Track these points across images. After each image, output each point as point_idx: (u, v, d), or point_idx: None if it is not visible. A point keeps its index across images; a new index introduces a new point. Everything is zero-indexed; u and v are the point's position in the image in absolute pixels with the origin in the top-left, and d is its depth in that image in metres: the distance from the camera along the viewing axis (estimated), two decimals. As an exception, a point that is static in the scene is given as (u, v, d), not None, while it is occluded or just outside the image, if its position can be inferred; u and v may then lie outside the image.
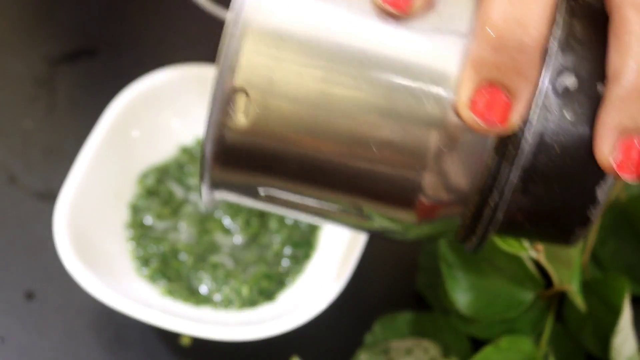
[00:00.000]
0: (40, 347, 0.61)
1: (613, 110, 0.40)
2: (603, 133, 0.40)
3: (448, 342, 0.61)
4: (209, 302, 0.60)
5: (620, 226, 0.64)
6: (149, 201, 0.63)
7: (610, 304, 0.59)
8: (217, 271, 0.61)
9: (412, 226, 0.41)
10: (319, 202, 0.41)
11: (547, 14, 0.39)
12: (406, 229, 0.42)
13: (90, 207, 0.60)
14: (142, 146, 0.64)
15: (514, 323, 0.59)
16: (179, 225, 0.63)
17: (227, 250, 0.62)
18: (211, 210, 0.62)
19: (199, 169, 0.40)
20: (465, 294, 0.59)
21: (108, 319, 0.62)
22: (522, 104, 0.39)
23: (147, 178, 0.64)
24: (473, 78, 0.39)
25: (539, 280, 0.59)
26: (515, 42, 0.38)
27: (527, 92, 0.39)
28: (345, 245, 0.59)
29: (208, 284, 0.60)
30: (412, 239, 0.43)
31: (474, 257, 0.59)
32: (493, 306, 0.59)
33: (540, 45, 0.39)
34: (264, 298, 0.60)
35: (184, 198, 0.64)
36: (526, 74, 0.39)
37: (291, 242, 0.62)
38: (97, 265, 0.58)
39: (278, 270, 0.61)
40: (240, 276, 0.60)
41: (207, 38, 0.66)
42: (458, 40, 0.39)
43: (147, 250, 0.61)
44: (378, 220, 0.41)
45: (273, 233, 0.62)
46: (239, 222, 0.62)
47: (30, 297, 0.63)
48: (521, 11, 0.39)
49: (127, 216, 0.63)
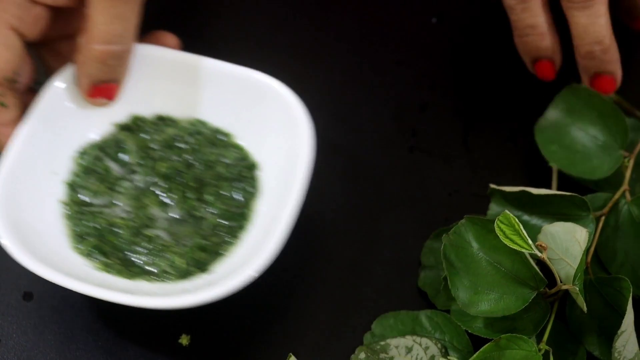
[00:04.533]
0: (38, 348, 0.61)
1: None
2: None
3: (449, 340, 0.60)
4: (145, 275, 0.60)
5: (624, 226, 0.63)
6: (85, 178, 0.63)
7: (613, 304, 0.59)
8: (153, 244, 0.61)
9: None
10: None
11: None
12: None
13: (26, 185, 0.61)
14: (78, 124, 0.64)
15: (515, 322, 0.59)
16: (115, 201, 0.63)
17: (163, 224, 0.62)
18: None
19: None
20: (467, 292, 0.58)
21: (106, 319, 0.62)
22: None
23: (84, 155, 0.64)
24: (85, 80, 0.62)
25: (541, 279, 0.58)
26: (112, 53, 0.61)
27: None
28: (277, 215, 0.59)
29: (143, 258, 0.61)
30: None
31: (476, 256, 0.59)
32: (494, 304, 0.58)
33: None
34: (199, 269, 0.60)
35: (120, 174, 0.64)
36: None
37: (226, 214, 0.62)
38: (33, 241, 0.58)
39: (213, 242, 0.61)
40: (176, 249, 0.61)
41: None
42: None
43: (84, 226, 0.62)
44: None
45: (209, 206, 0.63)
46: (175, 196, 0.63)
47: (27, 298, 0.63)
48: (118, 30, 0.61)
49: (63, 193, 0.63)
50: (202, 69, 0.65)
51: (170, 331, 0.61)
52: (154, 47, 0.65)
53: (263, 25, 0.75)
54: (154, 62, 0.65)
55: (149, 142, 0.65)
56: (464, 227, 0.59)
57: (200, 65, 0.65)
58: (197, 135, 0.65)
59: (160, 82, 0.65)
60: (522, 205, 0.63)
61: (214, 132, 0.65)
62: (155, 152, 0.65)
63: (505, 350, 0.57)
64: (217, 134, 0.65)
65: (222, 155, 0.64)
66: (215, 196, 0.63)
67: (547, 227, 0.59)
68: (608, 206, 0.63)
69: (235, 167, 0.64)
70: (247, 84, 0.64)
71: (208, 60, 0.65)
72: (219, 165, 0.64)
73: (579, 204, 0.62)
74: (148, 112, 0.66)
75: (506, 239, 0.57)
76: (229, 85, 0.65)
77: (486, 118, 0.68)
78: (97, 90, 0.63)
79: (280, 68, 0.66)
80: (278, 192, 0.61)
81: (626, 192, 0.63)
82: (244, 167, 0.64)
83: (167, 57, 0.65)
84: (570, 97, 0.67)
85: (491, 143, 0.70)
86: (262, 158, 0.64)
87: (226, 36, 0.74)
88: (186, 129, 0.65)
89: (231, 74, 0.64)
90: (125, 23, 0.61)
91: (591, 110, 0.66)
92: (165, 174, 0.63)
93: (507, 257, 0.59)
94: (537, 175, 0.68)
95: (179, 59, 0.65)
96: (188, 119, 0.66)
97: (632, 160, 0.64)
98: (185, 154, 0.64)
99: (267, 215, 0.61)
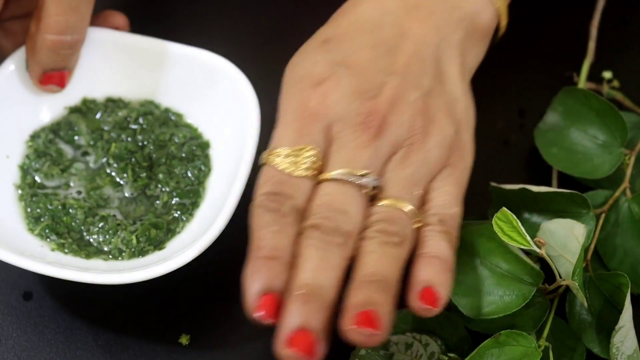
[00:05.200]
0: (38, 347, 0.61)
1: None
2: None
3: (449, 337, 0.60)
4: (100, 254, 0.61)
5: (623, 223, 0.63)
6: (39, 161, 0.64)
7: (612, 301, 0.59)
8: (107, 224, 0.62)
9: None
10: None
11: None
12: None
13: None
14: (29, 107, 0.66)
15: (515, 318, 0.59)
16: (69, 182, 0.64)
17: (117, 203, 0.63)
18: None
19: None
20: (468, 299, 0.58)
21: (106, 319, 0.62)
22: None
23: (36, 138, 0.65)
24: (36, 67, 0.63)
25: (537, 273, 0.58)
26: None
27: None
28: (227, 189, 0.60)
29: (98, 237, 0.62)
30: None
31: (472, 262, 0.59)
32: (496, 306, 0.58)
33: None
34: (153, 247, 0.61)
35: (73, 156, 0.65)
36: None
37: (179, 192, 0.64)
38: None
39: (167, 220, 0.62)
40: (130, 227, 0.62)
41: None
42: None
43: (38, 208, 0.62)
44: None
45: (162, 185, 0.64)
46: (128, 176, 0.64)
47: (27, 297, 0.63)
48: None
49: (17, 176, 0.64)
50: (152, 51, 0.66)
51: (170, 331, 0.61)
52: (103, 30, 0.66)
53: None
54: (103, 45, 0.66)
55: (101, 123, 0.66)
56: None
57: (150, 46, 0.67)
58: (148, 115, 0.66)
59: (110, 64, 0.67)
60: (523, 203, 0.63)
61: (165, 113, 0.67)
62: (107, 133, 0.66)
63: (504, 346, 0.56)
64: (168, 114, 0.67)
65: (174, 135, 0.66)
66: (168, 175, 0.64)
67: (545, 224, 0.59)
68: (608, 204, 0.63)
69: (187, 146, 0.65)
70: (197, 64, 0.66)
71: (158, 42, 0.67)
72: (171, 145, 0.65)
73: (579, 201, 0.61)
74: (99, 94, 0.67)
75: (504, 235, 0.57)
76: (178, 65, 0.66)
77: (486, 118, 0.68)
78: (48, 78, 0.64)
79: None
80: (228, 169, 0.63)
81: (627, 190, 0.63)
82: (196, 146, 0.65)
83: (117, 39, 0.67)
84: (567, 99, 0.67)
85: (491, 143, 0.70)
86: (213, 136, 0.66)
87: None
88: (137, 110, 0.67)
89: (181, 55, 0.66)
90: (79, 15, 0.62)
91: (589, 110, 0.66)
92: (118, 154, 0.65)
93: (502, 258, 0.59)
94: (537, 175, 0.68)
95: (128, 41, 0.67)
96: (138, 100, 0.67)
97: (633, 157, 0.64)
98: (137, 134, 0.66)
99: (217, 192, 0.63)
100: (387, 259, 0.55)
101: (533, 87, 0.71)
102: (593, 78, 0.71)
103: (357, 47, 0.61)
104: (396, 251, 0.56)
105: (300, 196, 0.57)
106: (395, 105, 0.59)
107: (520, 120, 0.70)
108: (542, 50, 0.74)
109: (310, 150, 0.58)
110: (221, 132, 0.65)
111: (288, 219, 0.56)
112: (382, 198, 0.57)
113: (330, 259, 0.54)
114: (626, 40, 0.67)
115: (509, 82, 0.72)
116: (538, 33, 0.74)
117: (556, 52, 0.74)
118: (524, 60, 0.72)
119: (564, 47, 0.68)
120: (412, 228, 0.57)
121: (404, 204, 0.57)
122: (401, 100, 0.59)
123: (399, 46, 0.61)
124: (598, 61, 0.72)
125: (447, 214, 0.58)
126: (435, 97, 0.60)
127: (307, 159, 0.57)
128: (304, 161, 0.57)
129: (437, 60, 0.62)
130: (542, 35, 0.74)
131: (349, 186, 0.57)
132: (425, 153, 0.59)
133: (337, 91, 0.59)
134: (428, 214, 0.58)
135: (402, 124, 0.59)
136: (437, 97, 0.60)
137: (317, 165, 0.57)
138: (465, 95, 0.62)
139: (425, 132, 0.59)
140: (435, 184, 0.59)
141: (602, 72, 0.72)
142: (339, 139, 0.58)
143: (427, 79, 0.60)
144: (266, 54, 0.73)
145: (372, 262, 0.55)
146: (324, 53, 0.61)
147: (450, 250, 0.57)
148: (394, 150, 0.58)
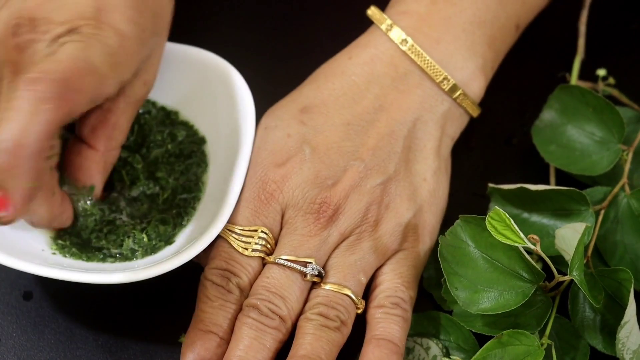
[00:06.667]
0: (38, 347, 0.61)
1: None
2: None
3: (454, 341, 0.60)
4: (114, 257, 0.61)
5: (623, 219, 0.63)
6: None
7: (614, 297, 0.59)
8: (115, 227, 0.62)
9: None
10: None
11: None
12: None
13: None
14: None
15: (517, 318, 0.59)
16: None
17: (122, 205, 0.63)
18: None
19: None
20: (467, 292, 0.58)
21: (106, 319, 0.62)
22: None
23: None
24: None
25: (538, 272, 0.58)
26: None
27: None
28: (228, 181, 0.62)
29: (108, 244, 0.62)
30: None
31: (473, 255, 0.59)
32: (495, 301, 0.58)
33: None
34: (164, 243, 0.62)
35: None
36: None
37: (180, 188, 0.64)
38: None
39: (172, 215, 0.63)
40: (138, 226, 0.62)
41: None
42: None
43: None
44: None
45: (163, 182, 0.64)
46: (128, 176, 0.64)
47: (27, 297, 0.62)
48: None
49: None
50: None
51: (170, 331, 0.61)
52: None
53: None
54: None
55: None
56: (460, 226, 0.60)
57: None
58: (145, 115, 0.66)
59: None
60: (522, 202, 0.63)
61: (162, 111, 0.67)
62: None
63: (507, 346, 0.57)
64: (165, 113, 0.67)
65: (172, 133, 0.66)
66: (168, 172, 0.64)
67: (559, 231, 0.59)
68: (607, 200, 0.63)
69: (184, 144, 0.66)
70: (191, 62, 0.66)
71: None
72: (169, 143, 0.65)
73: (577, 198, 0.62)
74: None
75: (499, 234, 0.57)
76: (173, 64, 0.66)
77: (485, 118, 0.68)
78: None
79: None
80: (224, 163, 0.63)
81: (625, 185, 0.63)
82: (193, 143, 0.66)
83: None
84: (563, 96, 0.67)
85: (490, 143, 0.70)
86: (209, 132, 0.66)
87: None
88: None
89: (175, 53, 0.66)
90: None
91: (585, 107, 0.66)
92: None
93: (504, 254, 0.59)
94: (536, 174, 0.68)
95: None
96: None
97: (631, 153, 0.64)
98: (136, 134, 0.65)
99: (216, 186, 0.63)
100: (322, 342, 0.58)
101: (533, 87, 0.71)
102: (588, 77, 0.71)
103: (330, 124, 0.63)
104: (333, 335, 0.58)
105: (246, 275, 0.60)
106: (351, 195, 0.61)
107: (520, 120, 0.70)
108: (543, 50, 0.74)
109: (262, 232, 0.60)
110: (216, 129, 0.66)
111: (232, 296, 0.59)
112: (326, 282, 0.60)
113: (262, 340, 0.58)
114: (619, 36, 0.68)
115: (509, 82, 0.72)
116: (538, 33, 0.74)
117: (553, 51, 0.74)
118: (524, 61, 0.72)
119: (563, 47, 0.68)
120: (352, 313, 0.60)
121: (346, 289, 0.59)
122: (359, 189, 0.61)
123: (374, 123, 0.63)
124: (592, 59, 0.72)
125: (399, 297, 0.60)
126: (398, 181, 0.62)
127: (259, 240, 0.60)
128: (255, 242, 0.60)
129: (412, 138, 0.63)
130: (542, 35, 0.74)
131: (291, 272, 0.59)
132: (374, 241, 0.61)
133: (298, 176, 0.61)
134: (380, 297, 0.60)
135: (354, 215, 0.61)
136: (401, 180, 0.62)
137: (267, 247, 0.60)
138: (435, 174, 0.64)
139: (377, 220, 0.61)
140: (386, 268, 0.61)
141: (596, 70, 0.72)
142: (291, 224, 0.61)
143: (392, 163, 0.62)
144: (260, 51, 0.73)
145: (307, 344, 0.58)
146: (298, 125, 0.63)
147: (400, 333, 0.59)
148: (343, 238, 0.61)
